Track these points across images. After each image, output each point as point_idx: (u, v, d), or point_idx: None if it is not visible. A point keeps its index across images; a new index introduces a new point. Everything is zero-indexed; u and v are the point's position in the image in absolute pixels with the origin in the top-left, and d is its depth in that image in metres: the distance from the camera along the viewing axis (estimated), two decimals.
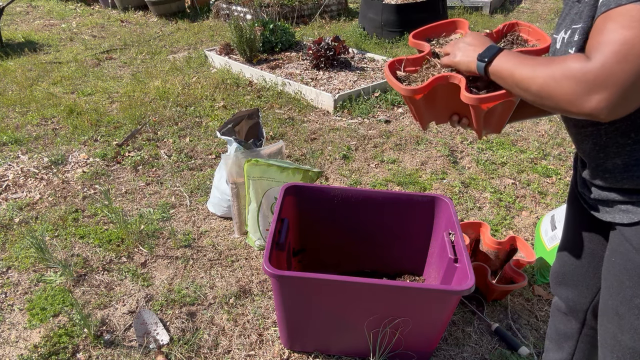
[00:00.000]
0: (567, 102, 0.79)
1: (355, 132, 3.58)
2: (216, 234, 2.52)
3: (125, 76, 4.78)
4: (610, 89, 0.73)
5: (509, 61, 0.93)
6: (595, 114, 0.76)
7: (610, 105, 0.74)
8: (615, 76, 0.72)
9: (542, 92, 0.84)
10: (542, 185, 2.96)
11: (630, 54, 0.71)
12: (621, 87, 0.73)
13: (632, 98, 0.74)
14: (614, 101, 0.74)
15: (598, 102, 0.75)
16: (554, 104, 0.82)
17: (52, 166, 3.12)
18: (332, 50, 4.60)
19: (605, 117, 0.76)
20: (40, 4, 8.43)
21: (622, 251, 1.00)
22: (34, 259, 2.30)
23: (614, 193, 0.99)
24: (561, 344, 1.46)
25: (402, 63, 1.24)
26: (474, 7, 7.15)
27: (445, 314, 1.58)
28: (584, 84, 0.75)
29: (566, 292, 1.36)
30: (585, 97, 0.76)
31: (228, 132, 2.33)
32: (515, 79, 0.90)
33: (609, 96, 0.74)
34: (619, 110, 0.75)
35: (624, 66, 0.72)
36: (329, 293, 1.57)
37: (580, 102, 0.77)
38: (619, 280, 1.02)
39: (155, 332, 1.92)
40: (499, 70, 0.95)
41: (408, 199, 1.92)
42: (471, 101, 1.04)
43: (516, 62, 0.92)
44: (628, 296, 1.00)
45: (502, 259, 2.18)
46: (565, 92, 0.79)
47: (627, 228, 0.97)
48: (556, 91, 0.80)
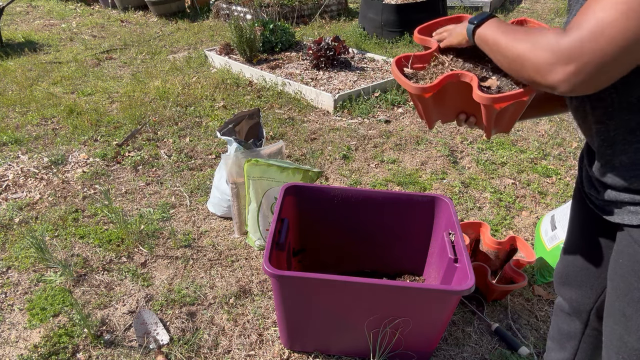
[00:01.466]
0: (534, 70, 0.82)
1: (355, 132, 3.58)
2: (216, 234, 2.52)
3: (125, 76, 4.78)
4: (576, 65, 0.76)
5: (495, 27, 0.97)
6: (557, 85, 0.79)
7: (572, 80, 0.77)
8: (584, 53, 0.75)
9: (517, 59, 0.86)
10: (542, 185, 2.96)
11: (603, 35, 0.73)
12: (587, 64, 0.75)
13: (595, 77, 0.76)
14: (577, 77, 0.76)
15: (562, 74, 0.77)
16: (523, 72, 0.86)
17: (52, 166, 3.12)
18: (332, 50, 4.60)
19: (565, 91, 0.79)
20: (40, 4, 8.43)
21: (630, 253, 0.99)
22: (34, 259, 2.30)
23: (623, 193, 0.98)
24: (563, 344, 1.46)
25: (410, 60, 1.22)
26: (474, 7, 7.15)
27: (445, 314, 1.58)
28: (553, 55, 0.78)
29: (570, 293, 1.35)
30: (551, 67, 0.78)
31: (228, 132, 2.33)
32: (497, 44, 0.93)
33: (573, 70, 0.76)
34: (580, 87, 0.78)
35: (593, 45, 0.74)
36: (329, 293, 1.57)
37: (545, 71, 0.80)
38: (627, 281, 1.01)
39: (155, 332, 1.92)
40: (484, 33, 0.98)
41: (408, 199, 1.92)
42: (485, 101, 1.03)
43: (502, 29, 0.95)
44: (636, 298, 0.99)
45: (502, 259, 2.18)
46: (535, 60, 0.81)
47: (636, 230, 0.96)
48: (528, 59, 0.83)
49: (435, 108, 1.19)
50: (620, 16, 0.72)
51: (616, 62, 0.74)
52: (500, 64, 0.94)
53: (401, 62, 1.22)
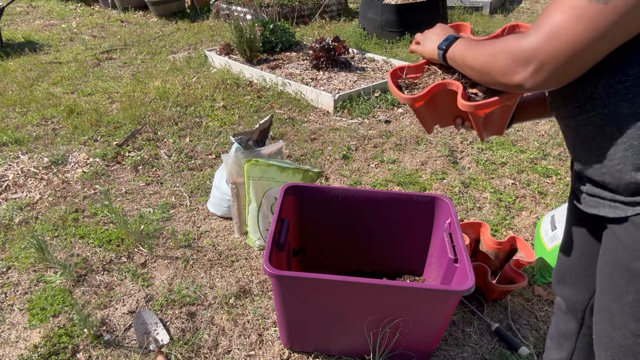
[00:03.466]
0: (500, 74, 0.88)
1: (355, 132, 3.58)
2: (216, 234, 2.52)
3: (125, 76, 4.78)
4: (534, 65, 0.81)
5: (461, 46, 1.04)
6: (521, 84, 0.85)
7: (534, 79, 0.83)
8: (540, 54, 0.80)
9: (483, 67, 0.93)
10: (542, 185, 2.96)
11: (556, 37, 0.78)
12: (544, 64, 0.81)
13: (555, 75, 0.82)
14: (537, 76, 0.82)
15: (523, 74, 0.83)
16: (490, 78, 0.92)
17: (52, 166, 3.12)
18: (332, 50, 4.60)
19: (530, 88, 0.85)
20: (40, 4, 8.43)
21: (613, 249, 1.01)
22: (34, 259, 2.30)
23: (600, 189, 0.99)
24: (561, 344, 1.47)
25: (404, 71, 1.27)
26: (474, 7, 7.15)
27: (445, 314, 1.58)
28: (513, 58, 0.84)
29: (566, 291, 1.37)
30: (514, 69, 0.84)
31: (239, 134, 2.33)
32: (464, 60, 1.00)
33: (532, 70, 0.82)
34: (543, 84, 0.83)
35: (548, 47, 0.79)
36: (328, 293, 1.57)
37: (509, 73, 0.86)
38: (610, 278, 1.02)
39: (155, 332, 1.92)
40: (452, 55, 1.06)
41: (408, 199, 1.92)
42: (467, 108, 1.07)
43: (467, 45, 1.02)
44: (618, 294, 1.00)
45: (502, 259, 2.18)
46: (499, 65, 0.87)
47: (617, 226, 0.98)
48: (493, 65, 0.89)
49: (430, 115, 1.25)
50: (572, 19, 0.77)
51: (572, 62, 0.80)
52: (472, 76, 1.01)
53: (397, 73, 1.27)
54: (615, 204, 0.97)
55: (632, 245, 0.95)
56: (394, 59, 4.93)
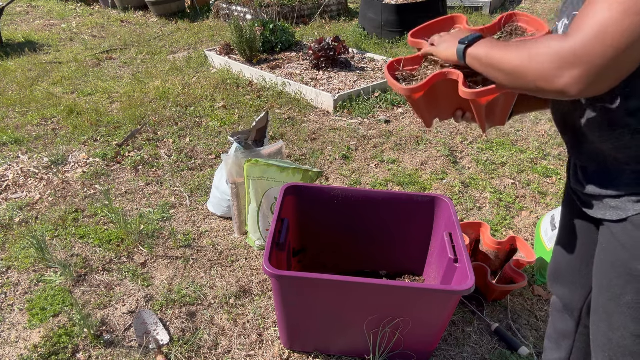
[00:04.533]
0: (539, 78, 0.80)
1: (355, 132, 3.57)
2: (216, 234, 2.52)
3: (125, 76, 4.78)
4: (584, 67, 0.74)
5: (486, 45, 0.95)
6: (567, 90, 0.77)
7: (582, 83, 0.75)
8: (589, 55, 0.73)
9: (516, 70, 0.85)
10: (542, 185, 2.96)
11: (609, 35, 0.72)
12: (595, 66, 0.74)
13: (604, 78, 0.75)
14: (586, 79, 0.75)
15: (569, 79, 0.76)
16: (526, 82, 0.83)
17: (52, 166, 3.12)
18: (332, 50, 4.60)
19: (576, 94, 0.77)
20: (40, 4, 8.43)
21: (611, 249, 1.00)
22: (34, 259, 2.30)
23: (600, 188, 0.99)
24: (559, 343, 1.46)
25: (401, 63, 1.23)
26: (474, 7, 7.15)
27: (445, 314, 1.58)
28: (559, 61, 0.77)
29: (562, 290, 1.36)
30: (558, 72, 0.77)
31: (237, 133, 2.33)
32: (491, 60, 0.91)
33: (582, 73, 0.75)
34: (589, 89, 0.76)
35: (598, 46, 0.73)
36: (328, 293, 1.57)
37: (551, 77, 0.78)
38: (608, 277, 1.02)
39: (155, 332, 1.92)
40: (475, 52, 0.96)
41: (408, 199, 1.92)
42: (469, 96, 1.03)
43: (493, 45, 0.94)
44: (617, 294, 1.00)
45: (502, 259, 2.18)
46: (539, 68, 0.80)
47: (615, 225, 0.97)
48: (531, 69, 0.81)
49: (429, 107, 1.20)
50: (620, 15, 0.72)
51: (622, 61, 0.74)
52: (497, 79, 0.93)
53: (394, 65, 1.23)
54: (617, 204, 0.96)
55: (632, 245, 0.94)
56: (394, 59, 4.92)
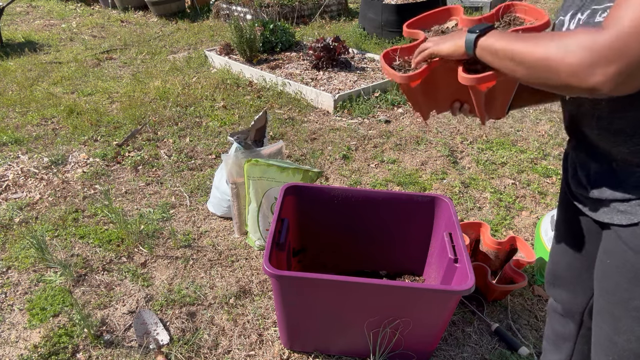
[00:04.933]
0: (570, 74, 0.73)
1: (355, 132, 3.57)
2: (216, 234, 2.52)
3: (125, 76, 4.78)
4: (619, 63, 0.69)
5: (502, 36, 0.89)
6: (599, 87, 0.71)
7: (614, 81, 0.70)
8: (627, 51, 0.68)
9: (540, 64, 0.77)
10: (542, 185, 2.95)
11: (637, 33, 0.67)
12: (631, 63, 0.68)
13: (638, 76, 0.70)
14: (621, 76, 0.69)
15: (602, 76, 0.70)
16: (552, 78, 0.77)
17: (52, 166, 3.12)
18: (332, 51, 4.60)
19: (608, 92, 0.72)
20: (40, 4, 8.43)
21: (618, 252, 0.98)
22: (34, 259, 2.30)
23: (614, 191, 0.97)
24: (559, 346, 1.45)
25: (397, 52, 1.19)
26: (474, 7, 7.15)
27: (445, 314, 1.58)
28: (591, 56, 0.70)
29: (561, 294, 1.34)
30: (591, 68, 0.71)
31: (236, 133, 2.33)
32: (509, 52, 0.84)
33: (615, 71, 0.69)
34: (622, 87, 0.71)
35: (637, 41, 0.67)
36: (328, 293, 1.57)
37: (584, 74, 0.72)
38: (615, 282, 1.00)
39: (155, 332, 1.92)
40: (490, 43, 0.89)
41: (408, 199, 1.92)
42: (469, 81, 0.97)
43: (512, 36, 0.86)
44: (624, 298, 0.98)
45: (502, 259, 2.18)
46: (569, 62, 0.73)
47: (624, 229, 0.95)
48: (560, 62, 0.74)
49: (426, 98, 1.16)
50: None
51: None
52: (515, 73, 0.84)
53: (389, 55, 1.19)
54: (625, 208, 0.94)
55: None
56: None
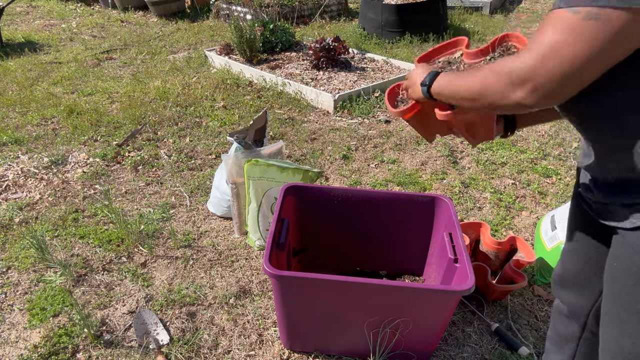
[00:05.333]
0: (497, 95, 0.88)
1: (355, 132, 3.58)
2: (216, 234, 2.52)
3: (125, 76, 4.78)
4: (531, 84, 0.82)
5: (446, 78, 1.07)
6: (520, 103, 0.85)
7: (531, 98, 0.83)
8: (536, 74, 0.81)
9: (477, 93, 0.94)
10: (542, 185, 2.96)
11: (554, 55, 0.79)
12: (541, 83, 0.81)
13: (553, 93, 0.82)
14: (534, 94, 0.82)
15: (520, 93, 0.84)
16: (487, 101, 0.92)
17: (52, 166, 3.12)
18: (332, 50, 4.60)
19: (529, 106, 0.85)
20: (40, 4, 8.43)
21: (624, 255, 0.99)
22: (34, 259, 2.30)
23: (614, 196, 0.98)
24: (562, 347, 1.45)
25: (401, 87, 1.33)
26: (474, 7, 7.15)
27: (445, 314, 1.58)
28: (509, 78, 0.85)
29: (568, 296, 1.35)
30: (510, 88, 0.85)
31: (235, 133, 2.33)
32: (453, 90, 1.02)
33: (530, 89, 0.82)
34: (541, 102, 0.83)
35: (544, 66, 0.80)
36: (328, 293, 1.57)
37: (506, 93, 0.86)
38: (621, 284, 1.01)
39: (155, 332, 1.92)
40: (438, 89, 1.08)
41: (408, 199, 1.92)
42: (441, 117, 1.12)
43: (452, 77, 1.05)
44: (630, 301, 0.99)
45: (502, 259, 2.18)
46: (495, 87, 0.88)
47: (629, 232, 0.96)
48: (488, 88, 0.90)
49: (424, 126, 1.32)
50: (566, 38, 0.77)
51: (569, 80, 0.80)
52: (464, 105, 1.01)
53: (394, 90, 1.34)
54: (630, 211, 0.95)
55: None
56: (394, 59, 4.93)
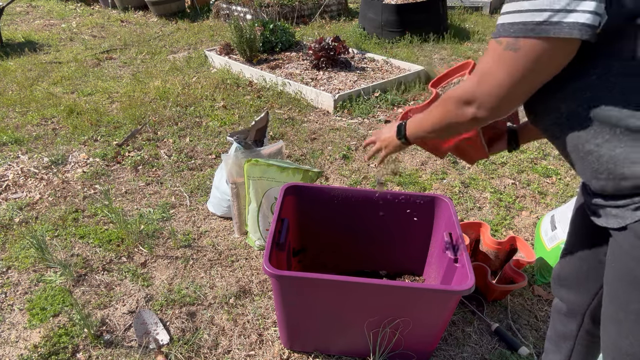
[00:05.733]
0: (454, 119, 1.04)
1: (355, 132, 3.57)
2: (216, 234, 2.52)
3: (125, 76, 4.78)
4: (475, 103, 0.98)
5: (413, 123, 1.25)
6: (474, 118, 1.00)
7: (479, 114, 0.98)
8: (476, 96, 0.97)
9: (440, 123, 1.11)
10: (542, 185, 2.95)
11: (486, 80, 0.94)
12: (482, 102, 0.96)
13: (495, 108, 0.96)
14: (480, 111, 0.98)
15: (470, 112, 1.00)
16: (450, 126, 1.09)
17: (52, 166, 3.12)
18: (332, 50, 4.60)
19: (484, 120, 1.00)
20: (40, 4, 8.43)
21: (617, 256, 1.02)
22: (34, 259, 2.30)
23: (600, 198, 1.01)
24: (559, 345, 1.47)
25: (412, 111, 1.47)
26: (474, 7, 7.15)
27: (445, 314, 1.58)
28: (460, 103, 1.01)
29: (567, 295, 1.37)
30: (463, 110, 1.01)
31: (236, 133, 2.33)
32: (425, 130, 1.20)
33: (475, 107, 0.98)
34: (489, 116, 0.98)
35: (481, 88, 0.95)
36: (328, 293, 1.57)
37: (461, 114, 1.02)
38: (617, 285, 1.03)
39: (155, 332, 1.92)
40: (412, 136, 1.27)
41: (408, 198, 1.92)
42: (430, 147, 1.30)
43: (419, 118, 1.22)
44: (625, 301, 1.01)
45: (502, 259, 2.18)
46: (451, 112, 1.04)
47: (619, 233, 0.99)
48: (446, 115, 1.07)
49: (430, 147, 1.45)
50: (493, 65, 0.91)
51: (503, 98, 0.93)
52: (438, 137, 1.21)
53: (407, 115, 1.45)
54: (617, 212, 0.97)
55: (636, 253, 0.95)
56: (394, 58, 4.93)
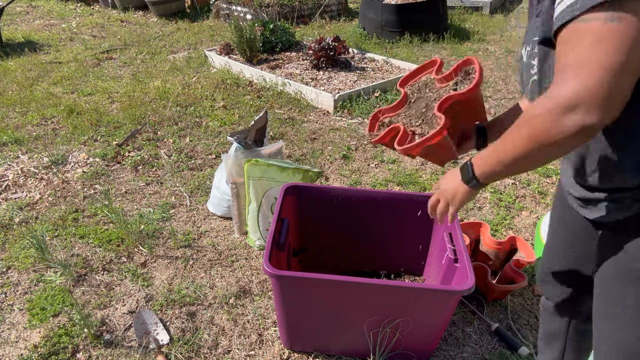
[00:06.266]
0: (553, 137, 0.78)
1: (355, 132, 3.57)
2: (216, 234, 2.52)
3: (125, 76, 4.78)
4: (583, 107, 0.74)
5: (485, 161, 0.97)
6: (583, 127, 0.75)
7: (589, 120, 0.74)
8: (581, 94, 0.73)
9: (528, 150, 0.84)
10: (542, 185, 2.96)
11: (586, 69, 0.73)
12: (591, 103, 0.73)
13: (608, 107, 0.74)
14: (590, 116, 0.74)
15: (578, 120, 0.74)
16: (544, 147, 0.81)
17: (52, 166, 3.12)
18: (332, 50, 4.60)
19: (597, 126, 0.75)
20: (40, 4, 8.43)
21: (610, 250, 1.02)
22: (34, 259, 2.30)
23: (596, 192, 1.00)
24: (550, 344, 1.47)
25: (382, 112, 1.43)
26: (474, 7, 7.15)
27: (445, 314, 1.58)
28: (556, 115, 0.76)
29: (552, 290, 1.37)
30: (561, 123, 0.76)
31: (236, 133, 2.34)
32: (505, 164, 0.91)
33: (584, 112, 0.74)
34: (602, 121, 0.75)
35: (583, 82, 0.73)
36: (328, 293, 1.57)
37: (561, 130, 0.76)
38: (612, 280, 1.03)
39: (155, 332, 1.92)
40: (485, 175, 0.99)
41: (408, 199, 1.92)
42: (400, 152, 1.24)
43: (490, 154, 0.95)
44: (619, 296, 1.01)
45: (502, 259, 2.18)
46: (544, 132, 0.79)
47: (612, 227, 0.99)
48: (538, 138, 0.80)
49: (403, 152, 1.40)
50: (592, 49, 0.72)
51: (619, 85, 0.72)
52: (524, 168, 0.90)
53: (377, 116, 1.43)
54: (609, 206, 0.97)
55: (630, 246, 0.95)
56: (394, 58, 4.93)
